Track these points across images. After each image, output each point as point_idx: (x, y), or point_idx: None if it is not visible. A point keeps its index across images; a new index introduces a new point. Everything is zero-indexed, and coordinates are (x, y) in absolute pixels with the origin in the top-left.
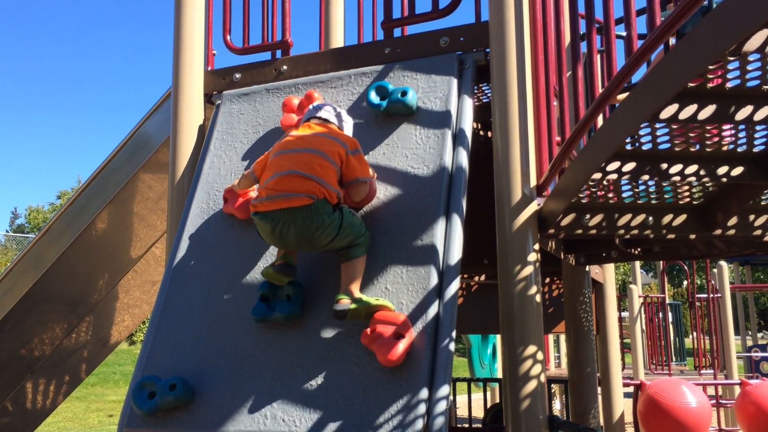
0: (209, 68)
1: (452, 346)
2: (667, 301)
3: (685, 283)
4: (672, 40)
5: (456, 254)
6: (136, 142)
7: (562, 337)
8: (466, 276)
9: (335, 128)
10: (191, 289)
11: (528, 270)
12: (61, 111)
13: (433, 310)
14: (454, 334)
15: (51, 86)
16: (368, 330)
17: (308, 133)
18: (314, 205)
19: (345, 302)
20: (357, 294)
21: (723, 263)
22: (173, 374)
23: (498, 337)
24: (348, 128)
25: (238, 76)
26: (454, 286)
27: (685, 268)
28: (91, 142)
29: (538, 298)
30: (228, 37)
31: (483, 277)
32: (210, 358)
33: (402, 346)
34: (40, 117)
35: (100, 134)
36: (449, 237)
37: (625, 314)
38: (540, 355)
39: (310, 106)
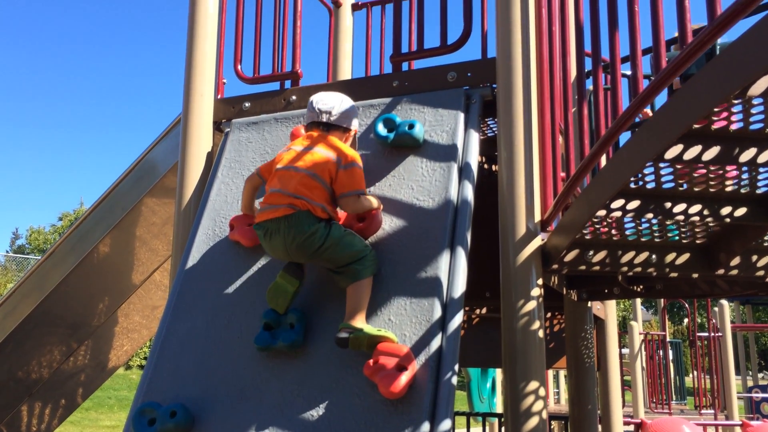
0: (219, 96)
1: (455, 380)
2: (668, 338)
3: (686, 320)
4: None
5: (460, 287)
6: (143, 168)
7: (562, 373)
8: (467, 309)
9: (334, 138)
10: (195, 316)
11: (531, 305)
12: (64, 131)
13: (436, 342)
14: (456, 367)
15: (55, 105)
16: (371, 361)
17: (305, 148)
18: (295, 215)
19: (347, 331)
20: (360, 323)
21: (724, 302)
22: (174, 401)
23: (497, 371)
24: (351, 120)
25: (247, 104)
26: (458, 319)
27: (686, 305)
28: (94, 163)
29: (540, 333)
30: (239, 67)
31: (484, 310)
32: (212, 386)
33: (404, 378)
34: (44, 136)
35: (103, 156)
36: (453, 270)
37: (625, 351)
38: (542, 391)
39: (313, 102)
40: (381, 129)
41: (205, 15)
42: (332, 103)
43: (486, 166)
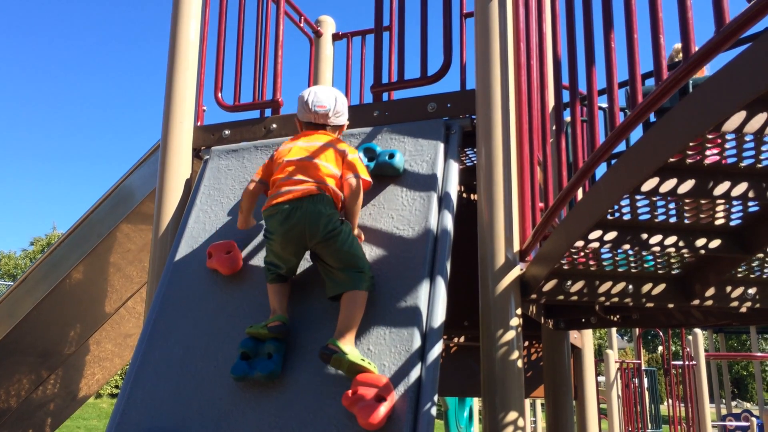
0: (199, 123)
1: (434, 411)
2: (643, 367)
3: (660, 349)
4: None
5: (439, 317)
6: (120, 195)
7: (539, 401)
8: (445, 337)
9: (333, 135)
10: (170, 344)
11: (510, 334)
12: (36, 157)
13: (416, 373)
14: (436, 398)
15: (26, 131)
16: (350, 392)
17: (311, 143)
18: (319, 195)
19: (332, 349)
20: (348, 346)
21: (698, 331)
22: None
23: (475, 400)
24: (346, 116)
25: (227, 132)
26: (437, 349)
27: (661, 334)
28: (67, 189)
29: (519, 363)
30: (219, 94)
31: (462, 339)
32: (187, 417)
33: (383, 409)
34: (15, 162)
35: (76, 182)
36: (433, 299)
37: (600, 379)
38: (521, 421)
39: (308, 102)
40: (362, 158)
41: (186, 42)
42: (328, 103)
43: (465, 195)
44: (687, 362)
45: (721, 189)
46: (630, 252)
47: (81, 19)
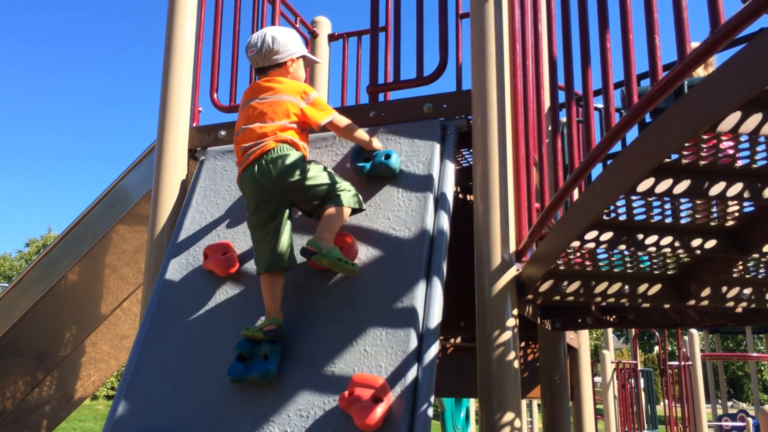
0: (195, 124)
1: (430, 412)
2: (639, 367)
3: (657, 349)
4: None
5: (436, 318)
6: (115, 196)
7: (535, 402)
8: (442, 338)
9: (280, 80)
10: (166, 346)
11: (507, 335)
12: (31, 157)
13: (412, 373)
14: (432, 399)
15: (20, 131)
16: (346, 393)
17: (262, 101)
18: (275, 148)
19: (312, 249)
20: (327, 245)
21: (694, 331)
22: None
23: (471, 401)
24: (287, 51)
25: (223, 133)
26: (434, 350)
27: (657, 334)
28: (62, 190)
29: (516, 363)
30: (215, 95)
31: (459, 340)
32: (183, 418)
33: (380, 410)
34: (10, 163)
35: (71, 182)
36: (429, 300)
37: (597, 380)
38: (518, 422)
39: (249, 47)
40: (357, 159)
41: (181, 43)
42: (255, 46)
43: (461, 196)
44: (683, 362)
45: (716, 189)
46: (626, 252)
47: (77, 19)
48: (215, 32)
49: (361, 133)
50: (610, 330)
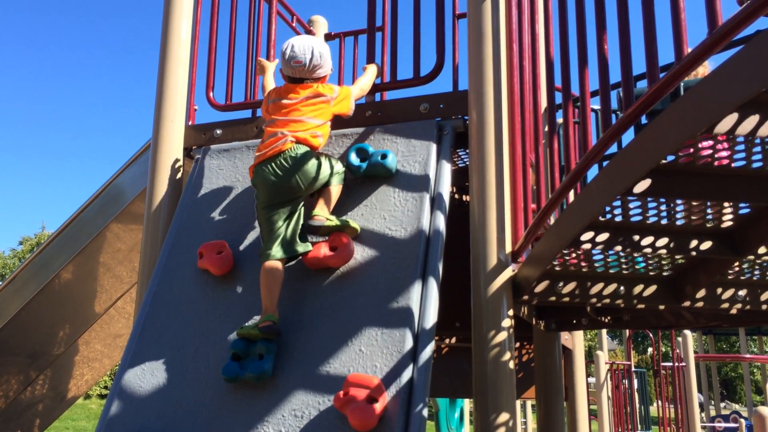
0: (190, 123)
1: (425, 412)
2: (633, 368)
3: (650, 350)
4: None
5: (431, 318)
6: (110, 194)
7: (529, 403)
8: (437, 338)
9: (316, 87)
10: (161, 345)
11: (502, 336)
12: (25, 155)
13: (407, 374)
14: (427, 399)
15: (14, 129)
16: (341, 393)
17: (294, 102)
18: (295, 147)
19: (320, 219)
20: (327, 214)
21: (687, 332)
22: None
23: (466, 401)
24: (326, 66)
25: (218, 132)
26: (429, 351)
27: (650, 335)
28: (56, 188)
29: (511, 364)
30: (211, 94)
31: (453, 340)
32: (177, 418)
33: (375, 410)
34: (3, 160)
35: (65, 180)
36: (425, 300)
37: (591, 380)
38: (512, 423)
39: (285, 55)
40: (354, 159)
41: (177, 41)
42: (304, 58)
43: (457, 196)
44: (676, 363)
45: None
46: (621, 253)
47: (74, 18)
48: (211, 31)
49: (368, 80)
50: (603, 331)
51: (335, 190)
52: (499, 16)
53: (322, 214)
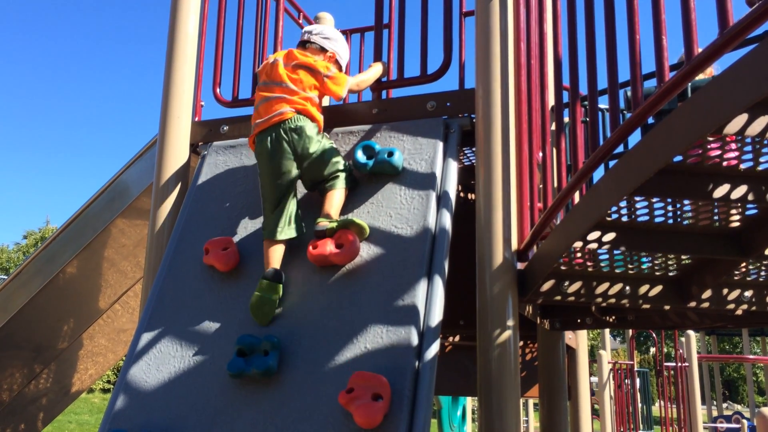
0: (197, 119)
1: (430, 410)
2: (635, 368)
3: (653, 350)
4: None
5: (437, 316)
6: (115, 189)
7: (531, 401)
8: (441, 336)
9: (311, 54)
10: (166, 341)
11: (507, 334)
12: (30, 149)
13: (412, 371)
14: (432, 397)
15: (19, 123)
16: (346, 390)
17: (294, 69)
18: (294, 118)
19: (324, 224)
20: (335, 217)
21: (690, 332)
22: (142, 429)
23: (468, 399)
24: (331, 44)
25: (225, 128)
26: (434, 348)
27: (653, 335)
28: (61, 182)
29: (516, 363)
30: (217, 90)
31: (457, 338)
32: (181, 413)
33: (380, 408)
34: (8, 154)
35: (70, 175)
36: (430, 298)
37: (593, 380)
38: (516, 421)
39: (305, 30)
40: (360, 156)
41: (184, 37)
42: (317, 28)
43: (463, 194)
44: (679, 364)
45: (720, 192)
46: (627, 253)
47: (77, 13)
48: (218, 27)
49: (369, 76)
50: (607, 330)
51: (339, 194)
52: (507, 14)
53: (326, 219)
